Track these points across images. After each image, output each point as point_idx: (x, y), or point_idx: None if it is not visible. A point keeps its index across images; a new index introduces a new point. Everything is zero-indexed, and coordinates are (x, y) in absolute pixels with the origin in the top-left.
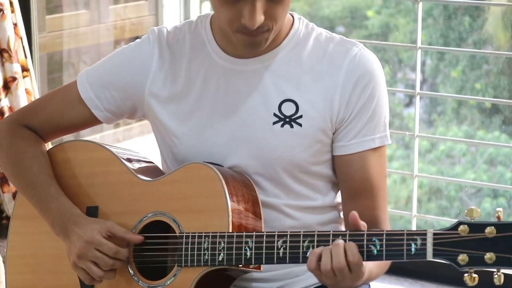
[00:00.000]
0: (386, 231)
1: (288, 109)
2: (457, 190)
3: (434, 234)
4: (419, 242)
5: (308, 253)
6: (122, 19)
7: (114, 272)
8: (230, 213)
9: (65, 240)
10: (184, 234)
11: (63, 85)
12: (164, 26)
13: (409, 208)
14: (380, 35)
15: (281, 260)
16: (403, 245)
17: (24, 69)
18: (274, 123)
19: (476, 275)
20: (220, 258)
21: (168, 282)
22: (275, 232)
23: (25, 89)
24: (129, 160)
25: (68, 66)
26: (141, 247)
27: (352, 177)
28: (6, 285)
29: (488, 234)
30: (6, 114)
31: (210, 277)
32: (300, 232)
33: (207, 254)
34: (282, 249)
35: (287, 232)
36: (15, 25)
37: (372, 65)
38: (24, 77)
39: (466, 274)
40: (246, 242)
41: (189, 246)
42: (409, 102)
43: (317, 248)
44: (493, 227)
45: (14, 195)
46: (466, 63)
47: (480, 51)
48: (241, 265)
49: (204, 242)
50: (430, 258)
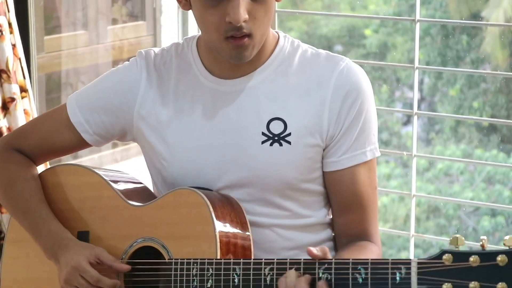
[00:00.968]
0: (371, 259)
1: (277, 127)
2: (456, 209)
3: (419, 263)
4: (403, 271)
5: None
6: (121, 40)
7: None
8: (218, 240)
9: (56, 264)
10: (173, 260)
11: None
12: (152, 48)
13: (408, 226)
14: (378, 53)
15: (269, 287)
16: (388, 273)
17: (23, 89)
18: (263, 142)
19: None
20: (209, 285)
21: None
22: (262, 259)
23: (24, 110)
24: (120, 184)
25: (67, 86)
26: (131, 273)
27: (343, 192)
28: None
29: (472, 263)
30: (5, 135)
31: None
32: (286, 260)
33: (195, 280)
34: (269, 276)
35: (273, 259)
36: (14, 46)
37: (359, 79)
38: (22, 97)
39: None
40: (234, 269)
41: (178, 272)
42: (407, 121)
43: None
44: (477, 256)
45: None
46: (464, 81)
47: (476, 71)
48: None
49: (193, 269)
50: (414, 287)
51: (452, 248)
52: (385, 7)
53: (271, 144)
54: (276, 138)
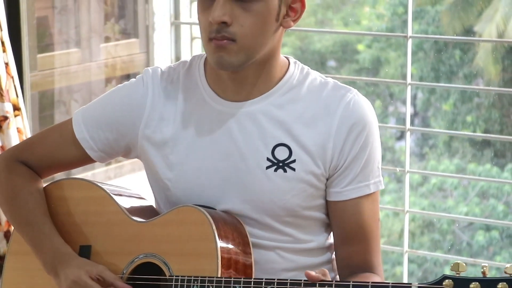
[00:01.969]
0: (372, 282)
1: (282, 153)
2: (450, 223)
3: (419, 287)
4: None
5: None
6: (113, 57)
7: None
8: (219, 258)
9: (55, 279)
10: (174, 277)
11: (54, 123)
12: (158, 66)
13: (402, 242)
14: (371, 68)
15: None
16: None
17: (16, 108)
18: (268, 167)
19: None
20: None
21: None
22: (262, 279)
23: (17, 128)
24: (123, 199)
25: (60, 104)
26: None
27: (345, 223)
28: None
29: None
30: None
31: None
32: (287, 280)
33: None
34: None
35: (274, 279)
36: (7, 64)
37: (365, 112)
38: (15, 116)
39: None
40: (234, 287)
41: None
42: (401, 136)
43: None
44: (478, 283)
45: (5, 234)
46: (457, 96)
47: (469, 87)
48: None
49: (193, 286)
50: None
51: (453, 274)
52: (378, 22)
53: (275, 170)
54: (280, 164)
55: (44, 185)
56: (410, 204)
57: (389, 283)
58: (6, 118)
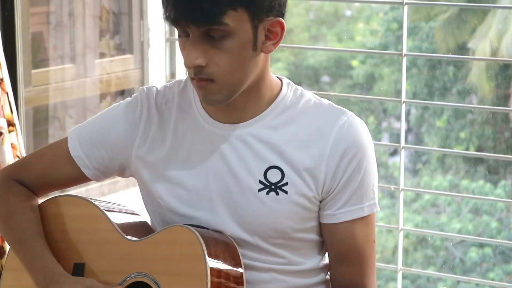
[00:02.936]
0: None
1: (274, 176)
2: (443, 240)
3: None
4: None
5: None
6: (108, 73)
7: None
8: (209, 278)
9: None
10: None
11: (48, 139)
12: (154, 85)
13: (396, 258)
14: (365, 84)
15: None
16: None
17: (10, 124)
18: (260, 190)
19: None
20: None
21: None
22: None
23: (11, 144)
24: (117, 217)
25: (54, 120)
26: None
27: (339, 245)
28: None
29: None
30: (7, 165)
31: None
32: None
33: None
34: None
35: None
36: (1, 80)
37: (360, 135)
38: (10, 132)
39: None
40: None
41: None
42: (394, 152)
43: None
44: None
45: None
46: (450, 112)
47: (462, 105)
48: None
49: None
50: None
51: None
52: (371, 38)
53: (267, 193)
54: (273, 186)
55: (40, 202)
56: (403, 219)
57: None
58: (0, 134)
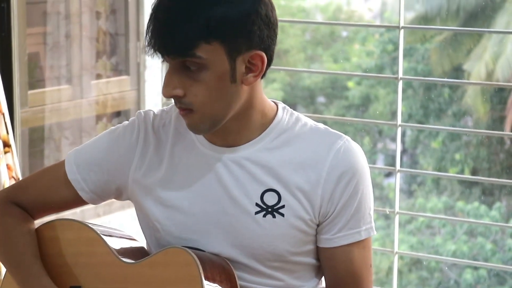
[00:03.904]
0: None
1: (271, 199)
2: (438, 261)
3: None
4: None
5: None
6: (104, 94)
7: None
8: None
9: None
10: None
11: (44, 160)
12: (151, 109)
13: (390, 279)
14: (361, 105)
15: None
16: None
17: (6, 144)
18: (257, 213)
19: None
20: None
21: None
22: None
23: (7, 165)
24: (114, 240)
25: (50, 141)
26: None
27: (336, 269)
28: None
29: None
30: (4, 188)
31: None
32: None
33: None
34: None
35: None
36: None
37: (356, 160)
38: (5, 152)
39: None
40: None
41: None
42: (389, 173)
43: None
44: None
45: None
46: (446, 134)
47: (457, 129)
48: None
49: None
50: None
51: None
52: (367, 59)
53: (264, 216)
54: (269, 209)
55: (37, 225)
56: (398, 241)
57: None
58: None
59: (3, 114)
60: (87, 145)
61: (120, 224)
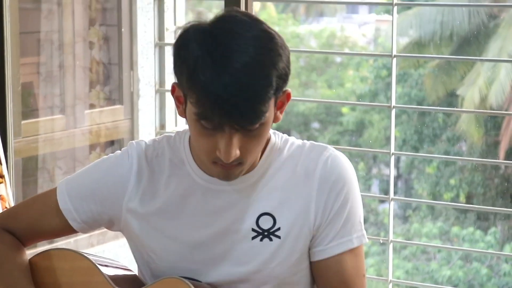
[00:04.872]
0: None
1: (266, 222)
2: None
3: None
4: None
5: None
6: (98, 124)
7: None
8: None
9: None
10: None
11: (38, 190)
12: (143, 139)
13: None
14: (355, 131)
15: None
16: None
17: (0, 175)
18: (253, 237)
19: None
20: None
21: None
22: None
23: (0, 196)
24: (109, 270)
25: (43, 171)
26: None
27: (330, 280)
28: None
29: None
30: None
31: None
32: None
33: None
34: None
35: None
36: None
37: (344, 168)
38: None
39: None
40: None
41: None
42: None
43: None
44: None
45: None
46: (440, 159)
47: (450, 157)
48: None
49: None
50: None
51: None
52: (361, 85)
53: (261, 240)
54: (266, 233)
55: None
56: (393, 267)
57: None
58: None
59: None
60: (79, 174)
61: (114, 253)
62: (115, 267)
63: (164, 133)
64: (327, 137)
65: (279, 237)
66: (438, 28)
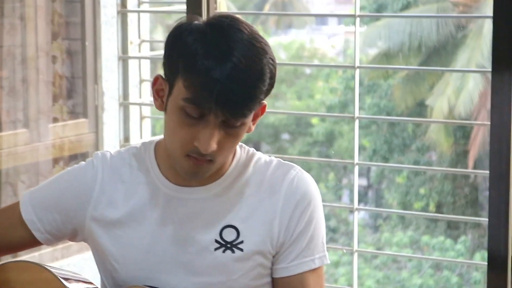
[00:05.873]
0: None
1: (229, 235)
2: None
3: None
4: None
5: None
6: (61, 138)
7: None
8: None
9: None
10: None
11: (1, 204)
12: (108, 150)
13: None
14: (325, 142)
15: None
16: None
17: None
18: (216, 249)
19: None
20: None
21: None
22: None
23: None
24: (70, 282)
25: (7, 185)
26: None
27: None
28: None
29: None
30: None
31: None
32: None
33: None
34: None
35: None
36: None
37: (309, 188)
38: None
39: None
40: None
41: None
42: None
43: None
44: None
45: None
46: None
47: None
48: None
49: None
50: None
51: None
52: (331, 96)
53: (223, 251)
54: (228, 245)
55: None
56: (364, 276)
57: None
58: None
59: None
60: (43, 185)
61: (78, 267)
62: (77, 280)
63: (127, 146)
64: (297, 148)
65: (241, 250)
66: (407, 39)
